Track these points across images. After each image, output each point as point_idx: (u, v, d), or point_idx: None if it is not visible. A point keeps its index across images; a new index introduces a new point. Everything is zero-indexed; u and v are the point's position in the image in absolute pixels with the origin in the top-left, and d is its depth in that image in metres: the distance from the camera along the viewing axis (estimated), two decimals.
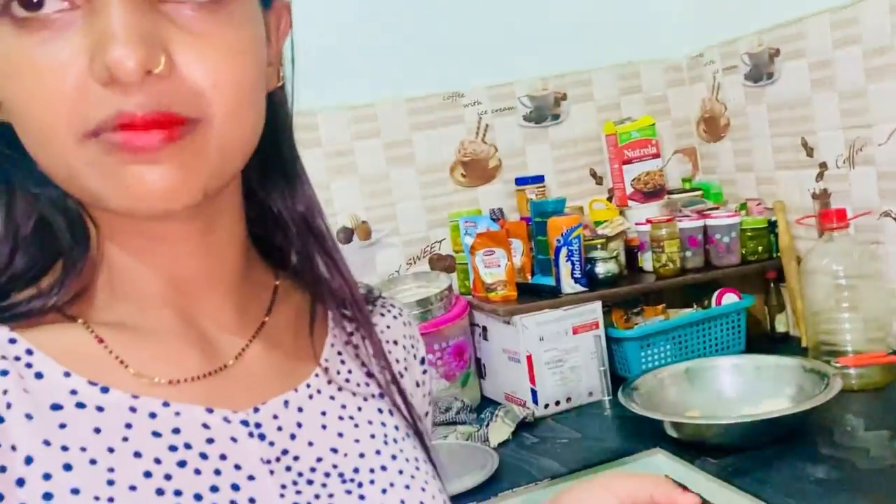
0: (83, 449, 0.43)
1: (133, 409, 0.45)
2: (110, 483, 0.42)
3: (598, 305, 1.67)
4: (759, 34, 1.78)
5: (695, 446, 1.31)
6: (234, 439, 0.48)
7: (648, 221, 1.81)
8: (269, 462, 0.48)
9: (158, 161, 0.40)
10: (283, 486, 0.48)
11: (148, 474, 0.44)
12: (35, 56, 0.39)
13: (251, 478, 0.47)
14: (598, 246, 1.78)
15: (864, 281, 1.55)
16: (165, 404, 0.46)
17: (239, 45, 0.43)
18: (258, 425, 0.49)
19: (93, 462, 0.43)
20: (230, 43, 0.42)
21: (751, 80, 1.85)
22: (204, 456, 0.46)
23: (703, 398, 1.48)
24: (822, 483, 1.13)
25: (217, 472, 0.46)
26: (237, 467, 0.47)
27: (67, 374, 0.44)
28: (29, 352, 0.44)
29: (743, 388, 1.49)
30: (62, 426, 0.43)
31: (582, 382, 1.64)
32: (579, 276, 1.69)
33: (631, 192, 1.95)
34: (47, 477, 0.41)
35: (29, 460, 0.41)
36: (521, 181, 1.93)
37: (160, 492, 0.43)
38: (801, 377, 1.42)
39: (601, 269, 1.75)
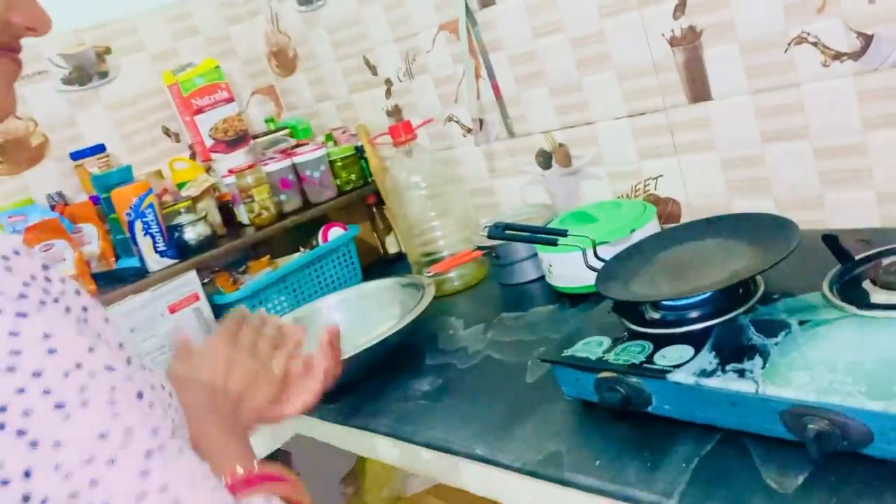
0: None
1: None
2: None
3: (192, 275, 1.50)
4: None
5: None
6: None
7: (230, 172, 1.66)
8: None
9: None
10: None
11: None
12: None
13: None
14: (184, 210, 1.59)
15: (447, 186, 1.59)
16: None
17: None
18: None
19: None
20: None
21: (304, 5, 1.76)
22: None
23: (315, 343, 1.40)
24: (427, 395, 1.12)
25: None
26: None
27: None
28: None
29: (354, 322, 1.45)
30: None
31: None
32: (164, 248, 1.50)
33: (211, 143, 1.78)
34: None
35: None
36: (76, 155, 1.65)
37: None
38: (401, 294, 1.42)
39: (190, 234, 1.58)
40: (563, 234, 1.04)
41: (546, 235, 1.04)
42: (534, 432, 0.91)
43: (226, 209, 1.75)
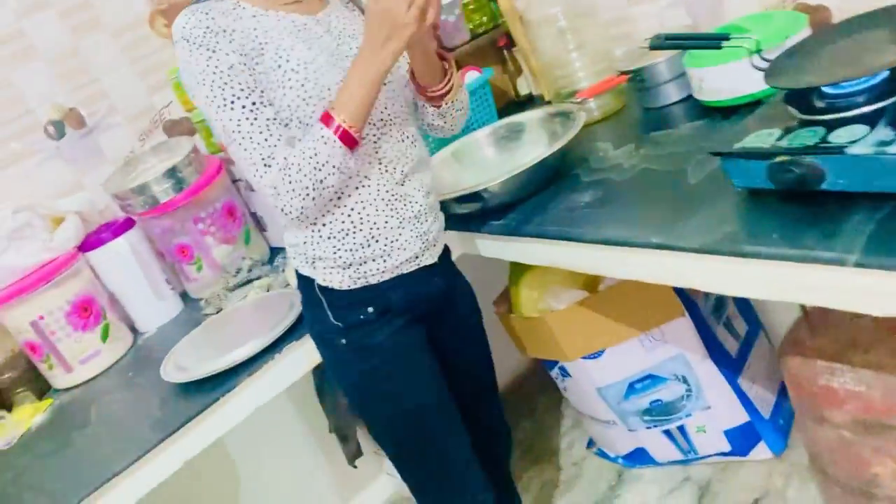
0: (269, 29, 1.06)
1: (278, 16, 1.07)
2: (280, 36, 1.05)
3: None
4: None
5: (478, 215, 1.36)
6: (314, 25, 1.09)
7: None
8: (327, 32, 1.10)
9: None
10: (333, 40, 1.10)
11: (291, 33, 1.06)
12: None
13: (321, 36, 1.09)
14: None
15: (581, 19, 1.63)
16: (287, 14, 1.08)
17: None
18: (318, 21, 1.10)
19: (272, 30, 1.06)
20: None
21: None
22: (305, 29, 1.08)
23: (473, 172, 1.52)
24: (590, 205, 1.22)
25: (310, 35, 1.08)
26: (316, 33, 1.09)
27: (253, 6, 1.06)
28: (237, 2, 1.06)
29: (505, 152, 1.55)
30: (258, 22, 1.06)
31: None
32: None
33: None
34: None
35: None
36: None
37: (297, 38, 1.06)
38: (550, 123, 1.50)
39: None
40: (726, 37, 1.08)
41: (709, 41, 1.09)
42: (705, 220, 1.00)
43: None
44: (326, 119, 1.01)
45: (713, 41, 1.08)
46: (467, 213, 1.37)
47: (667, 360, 1.57)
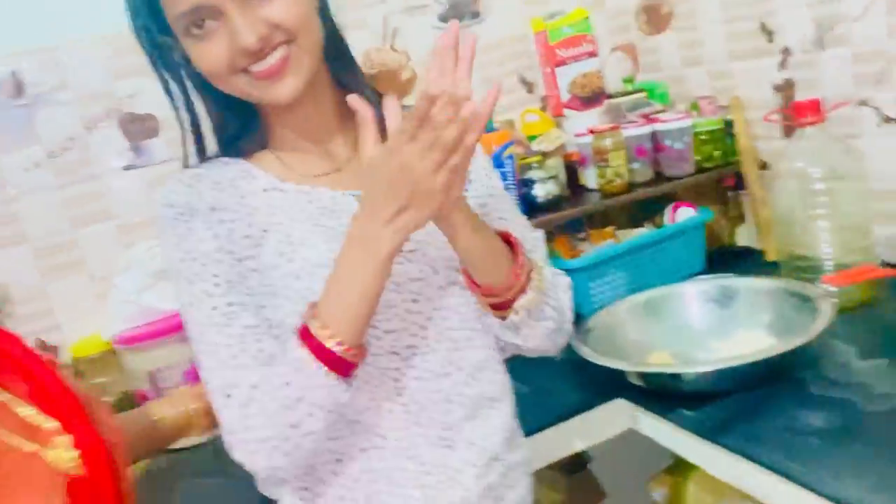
0: (280, 209, 0.80)
1: (299, 191, 0.82)
2: (291, 223, 0.79)
3: (540, 234, 1.43)
4: None
5: (664, 394, 1.10)
6: (349, 205, 0.80)
7: (591, 132, 1.55)
8: None
9: (282, 76, 0.75)
10: None
11: (309, 218, 0.80)
12: (205, 48, 0.75)
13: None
14: (535, 165, 1.52)
15: (840, 182, 1.34)
16: (313, 188, 0.82)
17: None
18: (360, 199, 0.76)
19: (282, 212, 0.80)
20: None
21: None
22: (334, 213, 0.81)
23: (668, 334, 1.26)
24: (823, 434, 0.93)
25: (341, 221, 0.78)
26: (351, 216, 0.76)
27: (267, 175, 0.82)
28: (248, 168, 0.83)
29: (712, 318, 1.28)
30: (269, 198, 0.80)
31: None
32: (516, 201, 1.43)
33: (567, 98, 1.68)
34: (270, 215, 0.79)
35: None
36: None
37: (317, 225, 0.79)
38: (778, 300, 1.22)
39: (539, 191, 1.50)
40: None
41: None
42: None
43: (570, 169, 1.65)
44: (305, 333, 0.69)
45: None
46: (644, 387, 1.12)
47: None
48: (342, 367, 0.69)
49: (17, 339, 0.71)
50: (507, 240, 0.80)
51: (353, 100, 0.73)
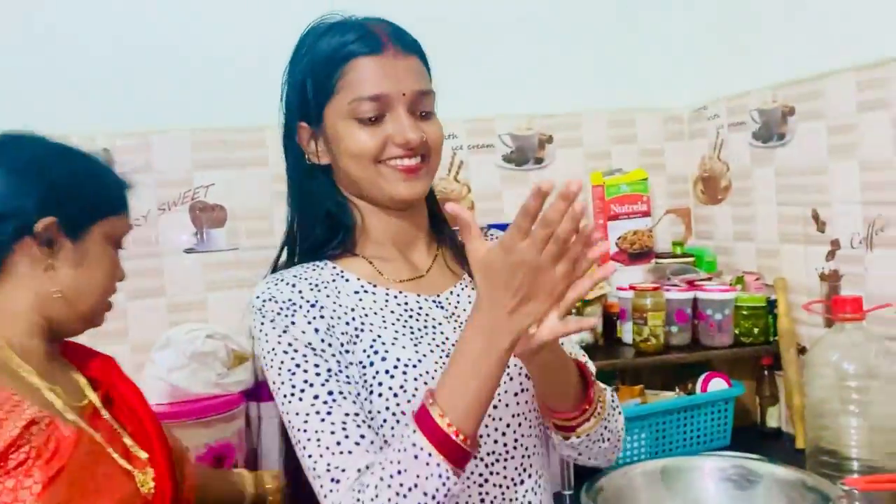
0: (372, 310, 0.87)
1: (388, 295, 0.89)
2: (383, 323, 0.85)
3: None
4: (773, 89, 1.58)
5: None
6: (431, 309, 0.90)
7: (632, 288, 1.58)
8: (447, 318, 0.90)
9: (417, 177, 0.89)
10: (454, 330, 0.89)
11: (398, 320, 0.86)
12: (365, 131, 0.88)
13: (440, 323, 0.89)
14: (574, 311, 1.54)
15: (876, 382, 1.32)
16: (401, 292, 0.90)
17: (439, 126, 0.93)
18: (440, 304, 0.91)
19: (374, 313, 0.87)
20: (437, 126, 0.92)
21: (759, 140, 1.64)
22: (419, 316, 0.88)
23: None
24: None
25: (426, 324, 0.88)
26: (434, 320, 0.89)
27: (358, 279, 0.89)
28: (340, 271, 0.90)
29: (726, 499, 1.25)
30: (360, 300, 0.87)
31: None
32: None
33: (615, 251, 1.73)
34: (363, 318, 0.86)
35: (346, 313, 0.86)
36: (494, 227, 1.70)
37: (405, 326, 0.86)
38: (797, 493, 1.18)
39: (575, 336, 1.52)
40: None
41: None
42: None
43: (608, 320, 1.67)
44: (423, 419, 0.70)
45: None
46: None
47: None
48: (457, 456, 0.70)
49: (140, 392, 1.01)
50: (580, 368, 0.85)
51: (453, 206, 0.72)
